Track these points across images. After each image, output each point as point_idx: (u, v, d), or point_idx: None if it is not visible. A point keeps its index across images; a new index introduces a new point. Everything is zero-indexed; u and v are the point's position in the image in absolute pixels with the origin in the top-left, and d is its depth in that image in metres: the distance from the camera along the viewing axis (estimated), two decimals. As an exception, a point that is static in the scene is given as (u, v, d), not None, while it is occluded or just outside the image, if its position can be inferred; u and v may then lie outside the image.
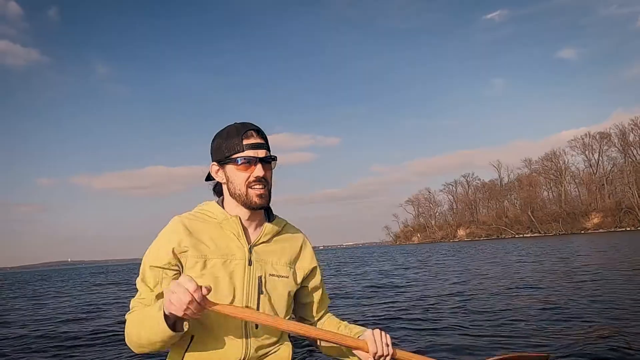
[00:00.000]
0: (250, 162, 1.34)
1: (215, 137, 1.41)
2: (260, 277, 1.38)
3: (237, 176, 1.35)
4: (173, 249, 1.33)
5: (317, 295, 1.55)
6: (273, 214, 1.50)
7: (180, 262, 1.35)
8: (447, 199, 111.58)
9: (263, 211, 1.46)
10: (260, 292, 1.37)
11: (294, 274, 1.47)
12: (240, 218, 1.39)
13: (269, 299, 1.39)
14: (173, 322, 1.19)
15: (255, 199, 1.35)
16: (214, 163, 1.40)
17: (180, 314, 1.14)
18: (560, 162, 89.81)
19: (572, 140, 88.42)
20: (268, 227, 1.43)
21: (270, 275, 1.40)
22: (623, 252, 16.29)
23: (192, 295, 1.12)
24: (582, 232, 76.92)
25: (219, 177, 1.40)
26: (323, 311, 1.59)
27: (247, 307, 1.35)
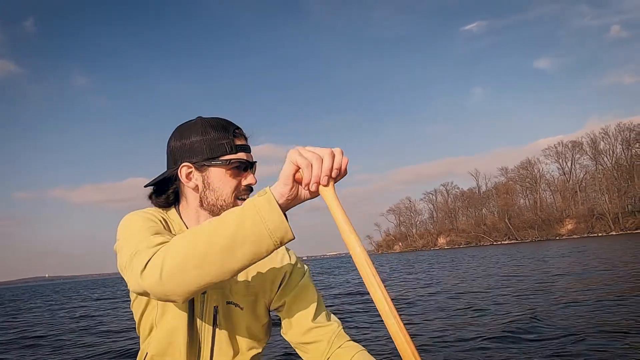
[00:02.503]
0: (243, 167, 1.10)
1: (185, 131, 1.11)
2: (216, 307, 1.12)
3: (224, 182, 1.08)
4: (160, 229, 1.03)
5: (303, 316, 1.15)
6: None
7: None
8: (427, 207, 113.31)
9: None
10: (215, 325, 1.12)
11: (254, 302, 1.16)
12: None
13: (227, 334, 1.13)
14: None
15: None
16: (187, 164, 1.09)
17: (304, 165, 0.82)
18: (535, 170, 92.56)
19: (545, 149, 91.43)
20: None
21: (228, 303, 1.13)
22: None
23: (332, 152, 0.83)
24: (557, 238, 79.12)
25: (191, 181, 1.10)
26: (326, 338, 1.12)
27: (199, 344, 1.12)
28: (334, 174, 0.84)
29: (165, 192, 1.15)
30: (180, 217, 1.14)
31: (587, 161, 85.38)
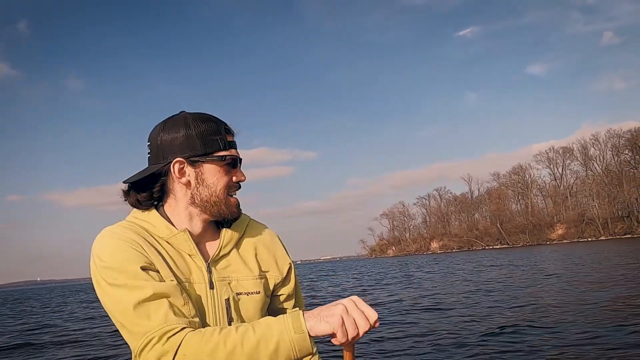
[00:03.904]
0: (233, 163, 1.09)
1: (175, 126, 1.07)
2: (227, 300, 1.09)
3: (217, 179, 1.07)
4: (142, 267, 0.97)
5: (291, 305, 1.24)
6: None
7: None
8: (420, 212, 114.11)
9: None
10: (230, 319, 1.08)
11: (266, 284, 1.16)
12: (190, 232, 1.09)
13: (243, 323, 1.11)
14: None
15: (235, 209, 1.11)
16: (180, 159, 1.05)
17: (341, 340, 0.87)
18: (527, 175, 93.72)
19: (537, 154, 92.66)
20: (227, 235, 1.14)
21: (239, 294, 1.11)
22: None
23: (371, 326, 0.88)
24: (548, 242, 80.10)
25: (183, 177, 1.07)
26: None
27: None
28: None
29: (150, 189, 1.09)
30: (167, 218, 1.09)
31: (578, 167, 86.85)
